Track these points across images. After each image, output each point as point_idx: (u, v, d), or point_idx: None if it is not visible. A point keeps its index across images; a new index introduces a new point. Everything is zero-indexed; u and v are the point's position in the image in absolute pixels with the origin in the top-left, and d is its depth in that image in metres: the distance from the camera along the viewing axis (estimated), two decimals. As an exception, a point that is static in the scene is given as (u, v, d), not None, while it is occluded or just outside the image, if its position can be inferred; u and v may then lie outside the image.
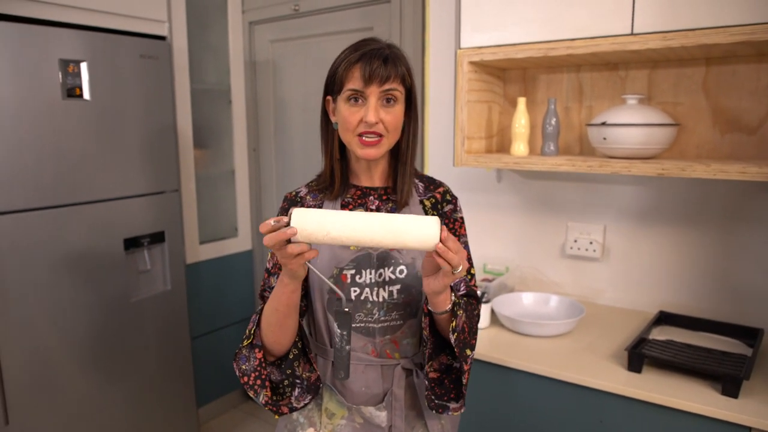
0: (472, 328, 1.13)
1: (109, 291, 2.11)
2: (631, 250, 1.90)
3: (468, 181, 2.19)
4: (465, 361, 1.10)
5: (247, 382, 1.08)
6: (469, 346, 1.11)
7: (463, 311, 1.10)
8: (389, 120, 1.08)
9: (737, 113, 1.66)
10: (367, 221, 0.92)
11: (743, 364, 1.39)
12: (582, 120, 1.89)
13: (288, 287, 1.01)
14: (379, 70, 1.05)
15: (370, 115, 1.06)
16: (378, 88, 1.06)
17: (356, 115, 1.07)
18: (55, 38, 1.87)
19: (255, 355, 1.08)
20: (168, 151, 2.31)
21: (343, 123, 1.09)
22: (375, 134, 1.08)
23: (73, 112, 1.95)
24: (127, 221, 2.16)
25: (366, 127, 1.07)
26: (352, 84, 1.06)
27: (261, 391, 1.08)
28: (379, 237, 0.91)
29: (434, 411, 1.15)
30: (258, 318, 1.10)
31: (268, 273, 1.18)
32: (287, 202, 1.20)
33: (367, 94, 1.06)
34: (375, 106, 1.06)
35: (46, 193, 1.90)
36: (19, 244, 1.83)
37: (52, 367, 1.95)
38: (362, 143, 1.08)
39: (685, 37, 1.42)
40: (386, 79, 1.06)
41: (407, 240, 0.91)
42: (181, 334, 2.43)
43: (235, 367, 1.10)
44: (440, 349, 1.15)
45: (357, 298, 1.13)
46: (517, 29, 1.68)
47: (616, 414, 1.41)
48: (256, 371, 1.08)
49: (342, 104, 1.09)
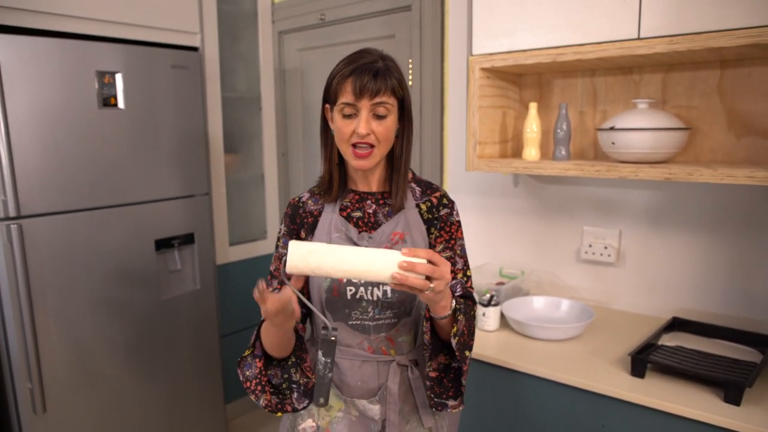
0: (471, 329, 1.17)
1: (141, 289, 2.24)
2: (646, 255, 1.88)
3: (485, 186, 2.21)
4: (464, 362, 1.15)
5: (249, 387, 1.18)
6: (468, 348, 1.15)
7: (463, 315, 1.14)
8: (380, 131, 1.14)
9: (753, 117, 1.63)
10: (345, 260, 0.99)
11: (750, 371, 1.37)
12: (596, 124, 1.89)
13: (278, 331, 1.09)
14: (370, 85, 1.11)
15: (362, 127, 1.12)
16: (369, 102, 1.12)
17: (349, 127, 1.14)
18: (92, 51, 2.01)
19: (256, 363, 1.18)
20: (199, 156, 2.42)
21: (338, 133, 1.17)
22: (367, 144, 1.14)
23: (108, 120, 2.08)
24: (158, 223, 2.28)
25: (358, 138, 1.13)
26: (345, 98, 1.13)
27: (261, 396, 1.18)
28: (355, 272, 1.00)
29: (434, 409, 1.20)
30: (258, 330, 1.18)
31: (271, 276, 1.25)
32: (290, 208, 1.27)
33: (359, 107, 1.12)
34: (366, 118, 1.12)
35: (83, 196, 2.03)
36: (57, 244, 1.97)
37: (87, 361, 2.08)
38: (355, 155, 1.15)
39: (692, 41, 1.42)
40: (376, 92, 1.12)
41: (372, 274, 0.99)
42: (211, 332, 2.54)
43: (239, 373, 1.20)
44: (438, 350, 1.19)
45: (353, 297, 1.19)
46: (526, 35, 1.70)
47: (618, 419, 1.41)
48: (256, 378, 1.18)
49: (337, 115, 1.16)
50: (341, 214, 1.23)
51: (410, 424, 1.25)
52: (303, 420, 1.25)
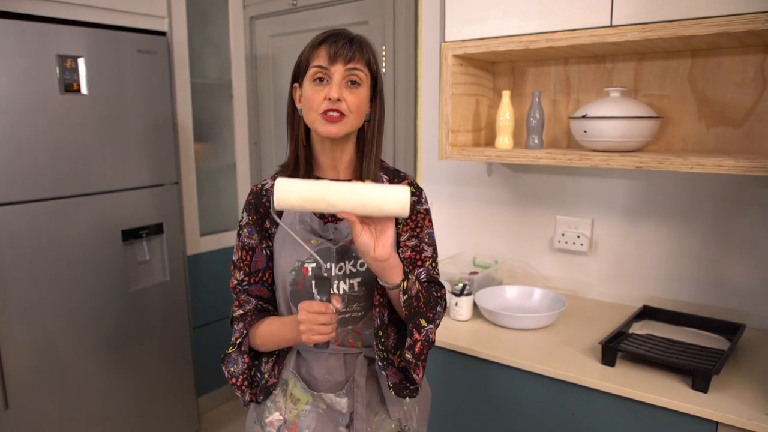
0: (429, 302, 1.10)
1: (108, 281, 2.18)
2: (618, 244, 1.88)
3: (459, 175, 2.19)
4: (417, 329, 1.07)
5: (235, 383, 1.18)
6: (423, 316, 1.07)
7: (416, 280, 1.09)
8: (352, 101, 1.10)
9: (723, 106, 1.63)
10: (345, 191, 0.98)
11: (717, 358, 1.38)
12: (569, 113, 1.88)
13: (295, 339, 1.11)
14: (344, 50, 1.08)
15: (334, 91, 1.07)
16: (342, 67, 1.08)
17: (320, 94, 1.09)
18: (52, 34, 1.93)
19: (243, 359, 1.17)
20: (167, 144, 2.36)
21: (307, 102, 1.11)
22: (337, 111, 1.09)
23: (71, 107, 2.01)
24: (125, 213, 2.22)
25: (329, 105, 1.08)
26: (317, 61, 1.09)
27: (247, 391, 1.18)
28: (358, 205, 0.98)
29: (408, 398, 1.15)
30: (246, 331, 1.17)
31: (234, 266, 1.21)
32: (253, 196, 1.21)
33: (331, 72, 1.08)
34: (339, 83, 1.08)
35: (45, 185, 1.96)
36: (18, 235, 1.90)
37: (52, 356, 2.02)
38: (325, 119, 1.09)
39: (663, 29, 1.41)
40: (351, 59, 1.08)
41: (383, 208, 0.97)
42: (181, 324, 2.49)
43: (223, 369, 1.19)
44: (403, 338, 1.16)
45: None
46: (499, 22, 1.68)
47: (588, 407, 1.41)
48: (243, 374, 1.17)
49: (307, 84, 1.11)
50: None
51: (378, 416, 1.23)
52: (270, 413, 1.22)
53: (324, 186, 0.98)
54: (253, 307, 1.20)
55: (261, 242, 1.19)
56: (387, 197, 0.97)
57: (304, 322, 1.01)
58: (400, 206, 0.97)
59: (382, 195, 0.97)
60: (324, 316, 1.01)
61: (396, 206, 0.97)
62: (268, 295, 1.23)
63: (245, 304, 1.20)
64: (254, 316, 1.18)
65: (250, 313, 1.19)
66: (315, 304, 1.01)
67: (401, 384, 1.14)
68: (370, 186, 0.98)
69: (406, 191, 0.97)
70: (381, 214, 0.98)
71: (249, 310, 1.20)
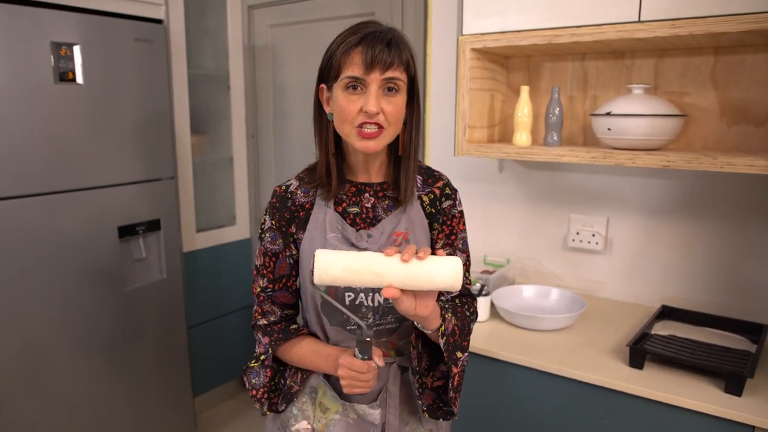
0: (464, 329, 1.09)
1: (103, 280, 2.08)
2: (634, 243, 1.86)
3: (469, 171, 2.15)
4: (455, 363, 1.06)
5: (255, 395, 1.14)
6: (460, 348, 1.06)
7: (452, 314, 1.06)
8: (390, 111, 1.00)
9: (745, 104, 1.61)
10: (391, 269, 0.91)
11: (746, 360, 1.36)
12: (586, 109, 1.85)
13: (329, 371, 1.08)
14: (382, 55, 0.97)
15: (371, 104, 0.98)
16: (380, 76, 0.98)
17: (355, 105, 0.99)
18: (46, 20, 1.83)
19: (266, 372, 1.13)
20: (164, 137, 2.27)
21: (340, 113, 1.02)
22: (375, 125, 1.00)
23: (65, 97, 1.91)
24: (121, 209, 2.13)
25: (366, 118, 0.99)
26: (351, 71, 0.99)
27: (266, 403, 1.15)
28: (408, 278, 0.92)
29: (441, 419, 1.15)
30: (272, 350, 1.12)
31: (257, 272, 1.15)
32: (278, 200, 1.13)
33: (367, 82, 0.98)
34: (376, 94, 0.99)
35: (37, 180, 1.86)
36: (8, 232, 1.80)
37: (44, 357, 1.92)
38: (361, 135, 1.01)
39: (694, 25, 1.38)
40: (389, 65, 0.98)
41: (435, 281, 0.92)
42: (178, 322, 2.41)
43: (245, 381, 1.16)
44: (439, 358, 1.13)
45: (351, 303, 1.10)
46: (521, 15, 1.63)
47: (617, 410, 1.39)
48: (265, 387, 1.14)
49: (339, 92, 1.01)
50: (336, 209, 1.11)
51: (409, 426, 1.18)
52: (297, 421, 1.17)
53: (371, 258, 0.92)
54: (278, 318, 1.15)
55: (285, 249, 1.13)
56: (438, 270, 0.91)
57: (346, 378, 1.01)
58: (454, 280, 0.92)
59: (433, 268, 0.91)
60: (366, 374, 1.00)
61: (449, 280, 0.92)
62: (292, 300, 1.17)
63: (269, 314, 1.15)
64: (281, 334, 1.13)
65: (277, 327, 1.14)
66: (357, 363, 0.99)
67: (434, 405, 1.14)
68: (418, 262, 0.92)
69: (459, 264, 0.92)
70: (432, 287, 0.93)
71: (274, 321, 1.15)
